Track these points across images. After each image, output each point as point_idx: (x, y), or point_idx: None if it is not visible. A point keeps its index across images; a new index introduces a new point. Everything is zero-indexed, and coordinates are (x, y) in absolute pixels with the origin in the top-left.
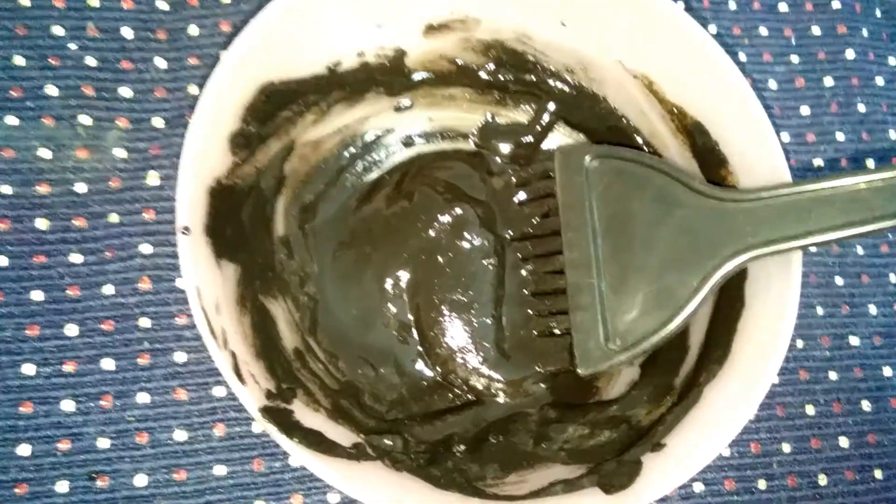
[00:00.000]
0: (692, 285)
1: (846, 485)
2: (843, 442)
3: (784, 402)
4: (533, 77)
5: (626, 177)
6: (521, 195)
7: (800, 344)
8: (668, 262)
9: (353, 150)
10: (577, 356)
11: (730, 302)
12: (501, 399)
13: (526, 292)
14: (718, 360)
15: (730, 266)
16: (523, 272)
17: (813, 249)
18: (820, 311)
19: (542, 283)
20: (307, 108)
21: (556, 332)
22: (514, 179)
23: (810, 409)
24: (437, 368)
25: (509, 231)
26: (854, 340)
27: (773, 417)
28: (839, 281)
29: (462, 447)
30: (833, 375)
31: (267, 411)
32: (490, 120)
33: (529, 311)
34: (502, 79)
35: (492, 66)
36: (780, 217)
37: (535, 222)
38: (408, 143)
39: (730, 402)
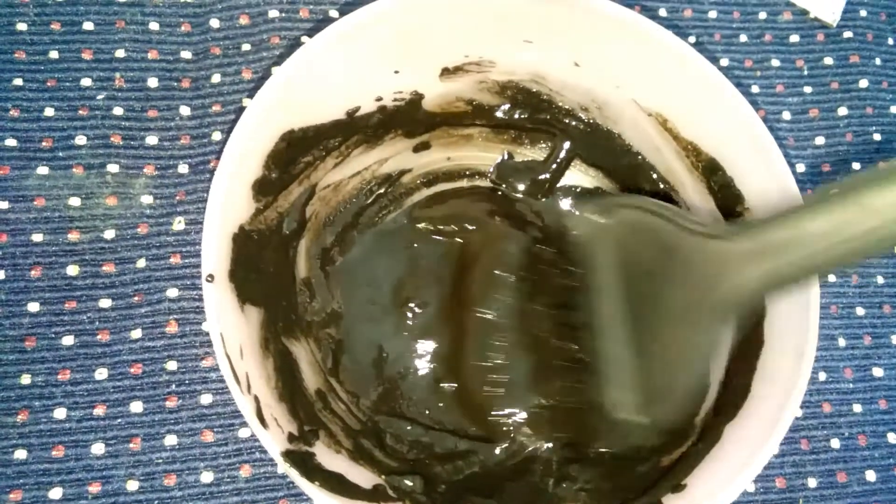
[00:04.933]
0: (707, 341)
1: None
2: (870, 475)
3: (808, 436)
4: (548, 116)
5: (635, 228)
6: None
7: (822, 376)
8: (681, 318)
9: (373, 190)
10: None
11: (748, 340)
12: (525, 439)
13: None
14: (738, 399)
15: (734, 311)
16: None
17: (832, 278)
18: (842, 342)
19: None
20: (327, 153)
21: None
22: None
23: (835, 443)
24: (469, 413)
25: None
26: (877, 371)
27: (798, 451)
28: (860, 311)
29: (483, 487)
30: (857, 408)
31: (289, 455)
32: (507, 158)
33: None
34: (518, 118)
35: (507, 106)
36: (781, 251)
37: (557, 282)
38: (427, 182)
39: (750, 441)
